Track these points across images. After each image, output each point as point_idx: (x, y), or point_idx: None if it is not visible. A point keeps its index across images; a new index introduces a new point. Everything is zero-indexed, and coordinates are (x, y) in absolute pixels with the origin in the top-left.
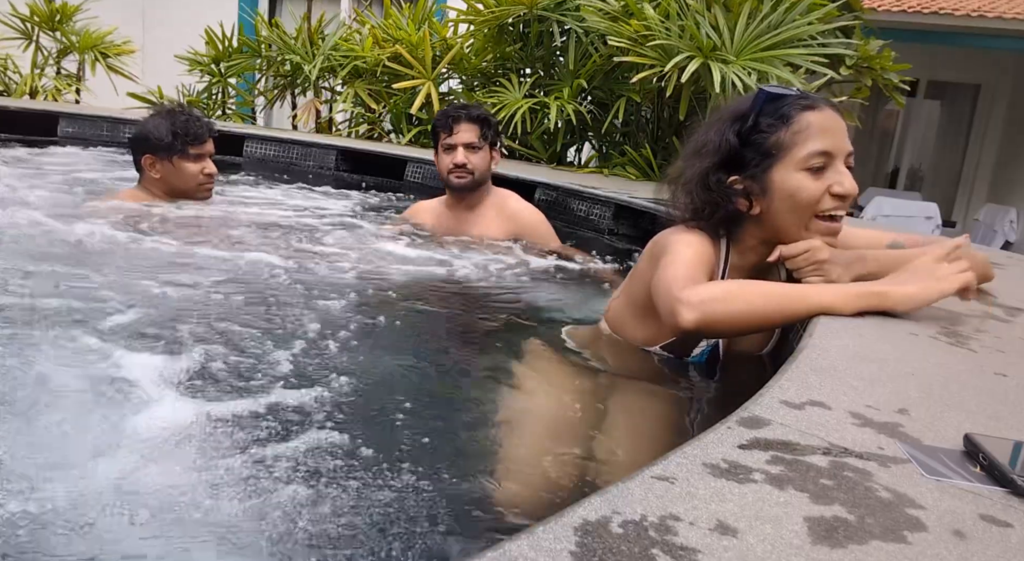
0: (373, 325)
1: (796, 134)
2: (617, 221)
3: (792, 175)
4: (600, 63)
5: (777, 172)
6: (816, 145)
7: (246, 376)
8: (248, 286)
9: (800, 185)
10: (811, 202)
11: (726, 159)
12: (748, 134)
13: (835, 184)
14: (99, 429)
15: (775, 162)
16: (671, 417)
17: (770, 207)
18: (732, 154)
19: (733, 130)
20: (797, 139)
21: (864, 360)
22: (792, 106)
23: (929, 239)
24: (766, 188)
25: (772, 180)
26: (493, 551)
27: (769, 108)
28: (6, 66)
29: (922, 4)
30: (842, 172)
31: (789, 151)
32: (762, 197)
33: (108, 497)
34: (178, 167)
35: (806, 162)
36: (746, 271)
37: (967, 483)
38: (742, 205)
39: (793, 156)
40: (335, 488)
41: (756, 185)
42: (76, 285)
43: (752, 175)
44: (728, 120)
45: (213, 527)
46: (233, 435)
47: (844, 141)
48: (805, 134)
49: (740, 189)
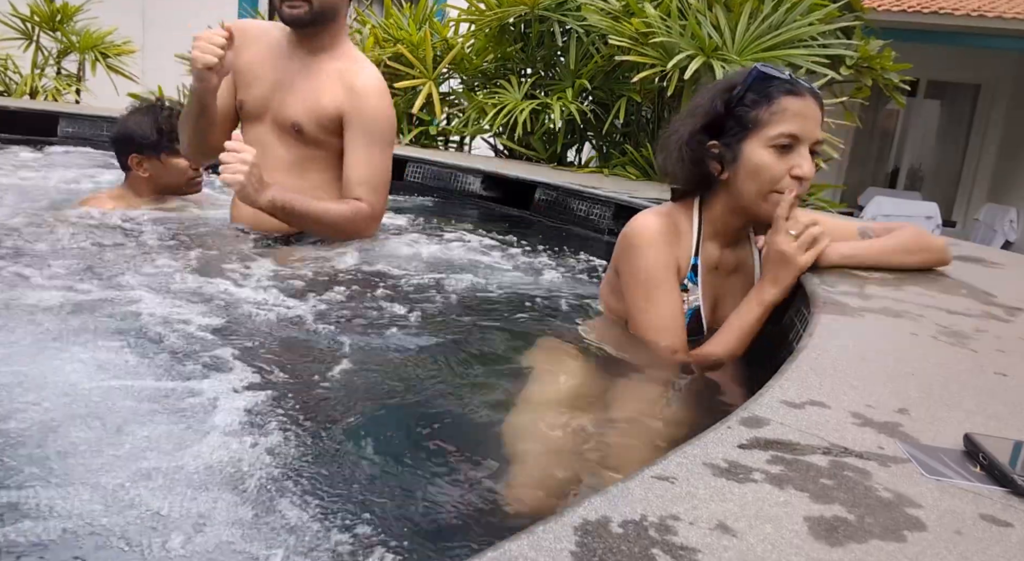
0: (371, 325)
1: (773, 114)
2: (617, 221)
3: (760, 150)
4: (601, 63)
5: (748, 145)
6: (787, 127)
7: (240, 377)
8: (245, 287)
9: (764, 161)
10: (771, 179)
11: (710, 123)
12: (734, 105)
13: (795, 167)
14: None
15: (749, 135)
16: (672, 411)
17: (736, 175)
18: (716, 120)
19: (722, 99)
20: (772, 119)
21: (864, 360)
22: (777, 88)
23: (896, 225)
24: (736, 157)
25: (743, 151)
26: (493, 551)
27: (757, 85)
28: (6, 66)
29: (922, 4)
30: (804, 156)
31: (763, 128)
32: (732, 164)
33: (112, 504)
34: (167, 164)
35: (774, 140)
36: (716, 238)
37: (967, 483)
38: (715, 168)
39: (765, 133)
40: (334, 488)
41: (729, 152)
42: (65, 289)
43: (727, 143)
44: (720, 90)
45: (210, 527)
46: (230, 436)
47: (815, 129)
48: (780, 116)
49: (716, 153)
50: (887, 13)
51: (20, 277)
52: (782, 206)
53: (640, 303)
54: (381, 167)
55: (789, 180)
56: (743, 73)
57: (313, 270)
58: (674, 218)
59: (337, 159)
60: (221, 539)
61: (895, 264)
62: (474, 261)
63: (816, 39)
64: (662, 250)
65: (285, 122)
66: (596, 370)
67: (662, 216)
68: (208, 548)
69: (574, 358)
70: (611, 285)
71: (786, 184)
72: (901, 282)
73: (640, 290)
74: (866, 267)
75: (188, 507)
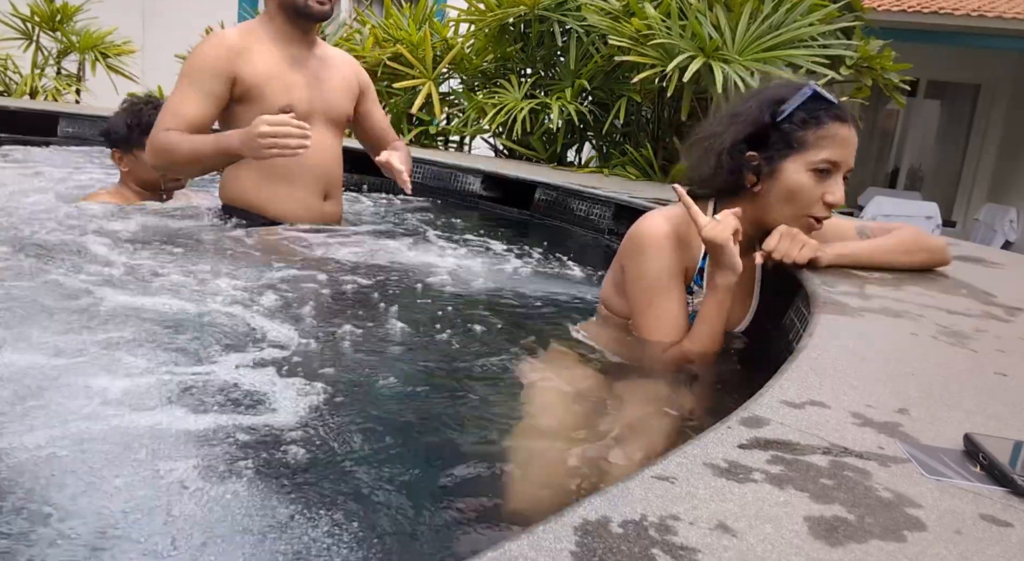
0: (369, 324)
1: (820, 138)
2: (617, 221)
3: (801, 172)
4: (601, 63)
5: (790, 163)
6: (830, 154)
7: (236, 377)
8: (241, 286)
9: (803, 183)
10: (806, 202)
11: (754, 134)
12: (781, 120)
13: (829, 193)
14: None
15: (792, 154)
16: (672, 411)
17: (771, 191)
18: (760, 132)
19: (769, 112)
20: (819, 143)
21: (864, 360)
22: (827, 112)
23: (895, 225)
24: (775, 173)
25: (784, 169)
26: (493, 551)
27: (810, 105)
28: (6, 66)
29: (922, 4)
30: (839, 184)
31: (808, 150)
32: (768, 179)
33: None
34: (140, 159)
35: (816, 164)
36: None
37: (967, 483)
38: (750, 180)
39: (809, 156)
40: (333, 488)
41: (768, 167)
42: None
43: (769, 157)
44: (769, 101)
45: (207, 526)
46: (227, 437)
47: (852, 158)
48: (827, 141)
49: (755, 165)
50: (887, 13)
51: (18, 274)
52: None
53: (644, 306)
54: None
55: (821, 207)
56: (794, 88)
57: (311, 269)
58: (684, 220)
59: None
60: (216, 538)
61: (894, 264)
62: (474, 261)
63: (816, 39)
64: (670, 255)
65: (340, 117)
66: (595, 370)
67: (672, 219)
68: (198, 548)
69: (574, 358)
70: (615, 282)
71: (816, 211)
72: (901, 282)
73: (645, 293)
74: (864, 267)
75: (180, 513)
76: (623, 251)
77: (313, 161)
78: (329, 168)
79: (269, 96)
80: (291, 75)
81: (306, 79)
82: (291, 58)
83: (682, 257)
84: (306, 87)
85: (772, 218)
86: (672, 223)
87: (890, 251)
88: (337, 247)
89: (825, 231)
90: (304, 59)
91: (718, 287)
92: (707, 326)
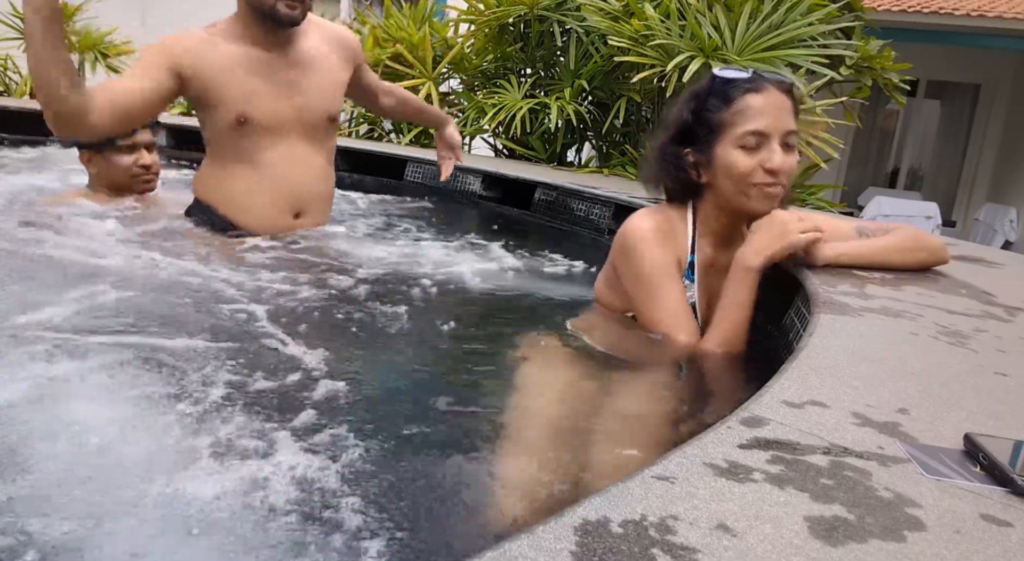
0: (367, 324)
1: (735, 114)
2: (617, 221)
3: (729, 151)
4: (601, 63)
5: (719, 147)
6: (751, 125)
7: (232, 378)
8: (236, 287)
9: (735, 160)
10: (744, 175)
11: (681, 133)
12: (699, 112)
13: (766, 161)
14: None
15: (717, 138)
16: (671, 410)
17: (714, 178)
18: (686, 129)
19: (688, 108)
20: (736, 119)
21: (864, 360)
22: (736, 88)
23: (894, 225)
24: (710, 161)
25: (715, 154)
26: (493, 551)
27: (718, 89)
28: (6, 66)
29: (922, 4)
30: (774, 150)
31: (728, 129)
32: (708, 168)
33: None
34: (109, 160)
35: (741, 140)
36: (711, 237)
37: (967, 483)
38: (693, 175)
39: (731, 134)
40: (332, 487)
41: (703, 158)
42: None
43: (700, 149)
44: (687, 98)
45: (205, 525)
46: (225, 439)
47: (781, 122)
48: (743, 115)
49: (691, 161)
50: (887, 13)
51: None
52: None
53: (647, 300)
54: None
55: (763, 174)
56: (706, 80)
57: (307, 270)
58: (669, 217)
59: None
60: (212, 536)
61: (892, 263)
62: (474, 261)
63: (816, 39)
64: (660, 247)
65: (318, 123)
66: (594, 369)
67: (656, 215)
68: (191, 548)
69: (572, 356)
70: (609, 283)
71: (759, 179)
72: (901, 282)
73: (645, 287)
74: (863, 266)
75: (167, 514)
76: (616, 254)
77: (280, 173)
78: (302, 182)
79: (223, 101)
80: (253, 81)
81: (274, 86)
82: (256, 62)
83: (672, 248)
84: (272, 95)
85: (728, 200)
86: (654, 219)
87: (890, 250)
88: (330, 246)
89: (825, 231)
90: (273, 64)
91: (753, 267)
92: (739, 312)
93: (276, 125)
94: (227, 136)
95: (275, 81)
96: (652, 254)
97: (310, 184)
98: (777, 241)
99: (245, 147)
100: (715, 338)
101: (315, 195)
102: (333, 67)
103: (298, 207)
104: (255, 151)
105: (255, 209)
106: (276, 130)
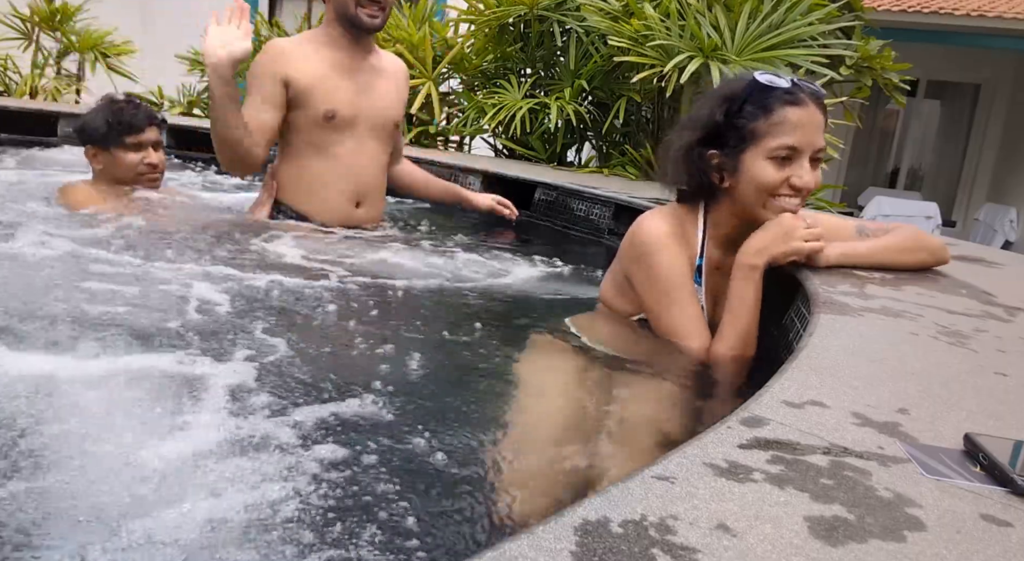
0: (367, 324)
1: (772, 125)
2: (617, 221)
3: (759, 162)
4: (601, 63)
5: (748, 156)
6: (785, 139)
7: (234, 380)
8: (235, 288)
9: (763, 172)
10: (769, 188)
11: (710, 135)
12: (733, 116)
13: (794, 177)
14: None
15: (748, 146)
16: (672, 407)
17: (737, 184)
18: (716, 131)
19: (721, 110)
20: (771, 130)
21: (864, 360)
22: (776, 98)
23: (894, 225)
24: (737, 167)
25: (743, 162)
26: (493, 551)
27: (756, 96)
28: (6, 66)
29: (922, 4)
30: (804, 167)
31: (762, 139)
32: (732, 174)
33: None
34: (116, 157)
35: (773, 152)
36: (720, 240)
37: (967, 483)
38: (715, 178)
39: (764, 145)
40: (333, 487)
41: (730, 163)
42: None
43: (728, 154)
44: (720, 99)
45: (211, 525)
46: (228, 439)
47: (814, 138)
48: (779, 127)
49: (716, 164)
50: (887, 13)
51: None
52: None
53: (663, 306)
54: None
55: (787, 190)
56: (742, 82)
57: (308, 270)
58: (680, 219)
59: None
60: (212, 537)
61: (892, 263)
62: (474, 261)
63: (816, 39)
64: (676, 252)
65: (386, 124)
66: (595, 369)
67: (669, 217)
68: (190, 548)
69: (573, 356)
70: (617, 286)
71: (784, 191)
72: (901, 282)
73: (662, 294)
74: (863, 266)
75: (166, 512)
76: (628, 257)
77: (347, 165)
78: (366, 174)
79: (314, 99)
80: (337, 80)
81: (354, 85)
82: (340, 64)
83: (686, 252)
84: (352, 93)
85: (749, 211)
86: (669, 220)
87: (890, 250)
88: (331, 245)
89: (825, 231)
90: (354, 66)
91: (757, 266)
92: (748, 314)
93: (354, 120)
94: (313, 130)
95: (356, 81)
96: (670, 261)
97: (372, 175)
98: (780, 243)
99: (325, 140)
100: (728, 341)
101: (374, 187)
102: (399, 83)
103: (359, 197)
104: (332, 144)
105: (326, 197)
106: (353, 125)
